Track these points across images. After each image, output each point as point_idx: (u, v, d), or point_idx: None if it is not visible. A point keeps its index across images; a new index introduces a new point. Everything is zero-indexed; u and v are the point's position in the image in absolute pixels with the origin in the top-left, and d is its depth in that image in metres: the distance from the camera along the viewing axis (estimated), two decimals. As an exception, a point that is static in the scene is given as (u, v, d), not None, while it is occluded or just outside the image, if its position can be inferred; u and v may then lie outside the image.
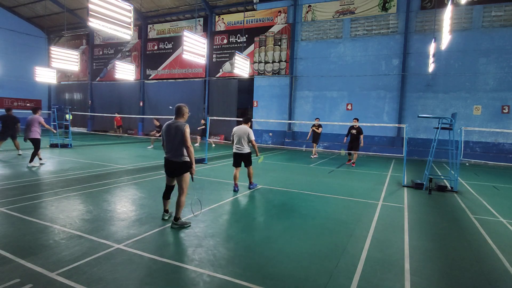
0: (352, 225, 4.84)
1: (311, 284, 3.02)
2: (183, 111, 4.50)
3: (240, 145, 6.89)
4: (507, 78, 14.00)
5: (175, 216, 4.42)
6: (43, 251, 3.47)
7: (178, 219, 4.40)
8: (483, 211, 5.95)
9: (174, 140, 4.36)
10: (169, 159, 4.43)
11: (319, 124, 13.16)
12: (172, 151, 4.39)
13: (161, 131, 4.59)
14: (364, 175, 9.63)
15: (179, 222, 4.40)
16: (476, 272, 3.43)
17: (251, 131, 6.89)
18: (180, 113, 4.49)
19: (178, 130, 4.34)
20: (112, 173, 8.30)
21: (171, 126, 4.41)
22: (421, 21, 15.44)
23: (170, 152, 4.42)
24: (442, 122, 7.56)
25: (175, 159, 4.38)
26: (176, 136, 4.35)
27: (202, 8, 20.33)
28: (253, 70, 18.97)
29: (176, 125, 4.38)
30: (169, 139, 4.41)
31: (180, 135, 4.32)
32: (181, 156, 4.37)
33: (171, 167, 4.45)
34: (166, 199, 4.71)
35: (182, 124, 4.38)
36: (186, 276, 3.08)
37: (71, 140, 14.32)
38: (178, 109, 4.52)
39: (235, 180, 6.93)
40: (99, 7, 7.24)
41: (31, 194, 5.85)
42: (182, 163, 4.38)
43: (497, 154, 14.13)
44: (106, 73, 25.14)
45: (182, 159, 4.37)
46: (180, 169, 4.39)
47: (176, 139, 4.35)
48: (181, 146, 4.35)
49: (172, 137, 4.37)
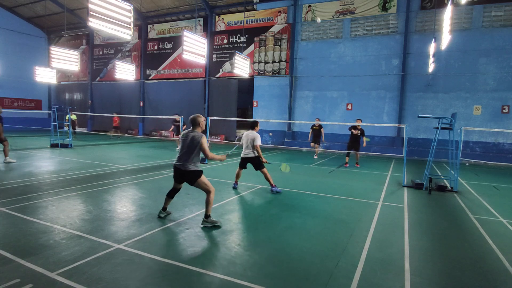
0: (352, 225, 4.84)
1: (312, 283, 3.02)
2: (198, 121, 4.48)
3: (247, 149, 6.82)
4: (507, 78, 14.00)
5: (206, 213, 4.44)
6: (43, 251, 3.47)
7: (209, 217, 4.46)
8: (483, 211, 5.95)
9: (188, 149, 4.38)
10: (178, 167, 4.43)
11: (320, 125, 13.09)
12: (182, 159, 4.39)
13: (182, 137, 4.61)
14: (364, 175, 9.63)
15: (210, 220, 4.45)
16: (476, 272, 3.43)
17: (258, 136, 6.75)
18: (196, 123, 4.48)
19: (194, 140, 4.36)
20: (112, 173, 8.30)
21: (188, 136, 4.45)
22: (421, 21, 15.44)
23: (180, 161, 4.41)
24: (442, 122, 7.56)
25: (184, 168, 4.38)
26: (191, 146, 4.36)
27: (202, 8, 20.33)
28: (253, 70, 18.97)
29: (193, 135, 4.40)
30: (182, 148, 4.44)
31: (195, 145, 4.35)
32: (192, 165, 4.38)
33: (179, 175, 4.48)
34: (169, 198, 4.74)
35: (199, 135, 4.38)
36: (187, 276, 3.08)
37: (71, 140, 14.32)
38: (194, 119, 4.50)
39: (237, 178, 7.05)
40: (99, 7, 7.25)
41: (32, 194, 5.85)
42: (192, 172, 4.39)
43: (497, 154, 14.13)
44: (106, 73, 25.14)
45: (192, 168, 4.38)
46: (192, 178, 4.41)
47: (190, 149, 4.37)
48: (193, 156, 4.38)
49: (186, 146, 4.39)
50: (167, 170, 8.95)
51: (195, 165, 4.43)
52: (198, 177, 4.41)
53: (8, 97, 25.24)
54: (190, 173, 4.39)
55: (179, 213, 5.08)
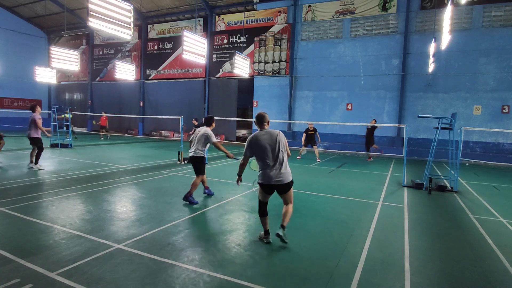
0: (352, 225, 4.84)
1: (312, 283, 3.02)
2: (267, 118, 3.96)
3: (193, 147, 5.84)
4: (507, 78, 13.99)
5: (285, 225, 3.88)
6: (43, 251, 3.47)
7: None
8: (483, 211, 5.95)
9: (278, 153, 3.77)
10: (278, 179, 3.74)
11: (314, 128, 12.55)
12: (278, 167, 3.76)
13: (250, 146, 3.89)
14: (364, 175, 9.63)
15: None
16: (476, 272, 3.43)
17: (212, 133, 5.79)
18: (266, 120, 3.94)
19: (278, 138, 3.80)
20: (112, 173, 8.30)
21: (267, 136, 3.81)
22: (421, 21, 15.44)
23: (276, 169, 3.75)
24: (442, 122, 7.56)
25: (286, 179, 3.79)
26: (280, 147, 3.79)
27: (202, 8, 20.33)
28: (253, 70, 18.96)
29: (271, 133, 3.84)
30: (267, 152, 3.77)
31: (280, 145, 3.80)
32: (289, 172, 3.87)
33: (281, 187, 3.82)
34: (263, 216, 3.98)
35: (277, 132, 3.87)
36: (187, 276, 3.08)
37: (71, 140, 14.32)
38: (263, 117, 3.94)
39: (202, 183, 6.24)
40: (99, 7, 7.24)
41: (32, 194, 5.85)
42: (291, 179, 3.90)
43: (497, 154, 14.12)
44: (106, 73, 25.14)
45: (291, 176, 3.88)
46: (290, 185, 3.86)
47: (279, 151, 3.79)
48: (285, 158, 3.82)
49: (273, 150, 3.77)
50: (167, 170, 8.95)
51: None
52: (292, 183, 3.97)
53: (8, 97, 25.24)
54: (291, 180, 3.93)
55: (179, 213, 5.08)
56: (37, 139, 8.47)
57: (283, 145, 3.85)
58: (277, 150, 3.79)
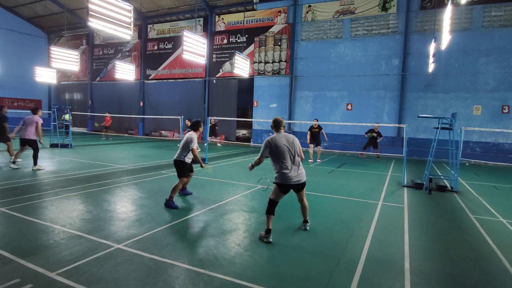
0: (352, 225, 4.84)
1: (312, 283, 3.02)
2: (283, 123, 4.24)
3: (177, 151, 5.73)
4: (507, 78, 13.99)
5: (307, 219, 4.53)
6: (43, 251, 3.47)
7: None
8: (483, 211, 5.95)
9: (295, 155, 4.08)
10: (297, 179, 4.03)
11: (319, 126, 12.53)
12: (296, 168, 4.05)
13: (269, 147, 4.06)
14: (364, 175, 9.63)
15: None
16: (476, 272, 3.43)
17: (194, 137, 5.57)
18: (282, 124, 4.21)
19: (294, 142, 4.11)
20: (112, 173, 8.30)
21: (284, 139, 4.07)
22: (421, 21, 15.44)
23: (294, 170, 4.04)
24: (442, 122, 7.56)
25: (303, 178, 4.13)
26: (296, 150, 4.10)
27: (202, 8, 20.33)
28: (253, 70, 18.97)
29: (287, 137, 4.12)
30: (285, 155, 4.00)
31: (296, 148, 4.11)
32: (304, 172, 4.18)
33: (298, 187, 4.15)
34: (272, 214, 4.08)
35: (292, 136, 4.17)
36: (187, 276, 3.08)
37: (71, 140, 14.31)
38: (280, 121, 4.20)
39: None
40: (99, 7, 7.24)
41: (31, 194, 5.85)
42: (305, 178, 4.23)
43: (497, 154, 14.12)
44: (106, 73, 25.14)
45: (305, 175, 4.19)
46: (304, 184, 4.22)
47: (296, 153, 4.10)
48: (299, 160, 4.14)
49: (290, 152, 4.04)
50: (167, 170, 8.95)
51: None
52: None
53: (8, 97, 25.23)
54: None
55: (179, 213, 5.08)
56: (33, 141, 8.47)
57: (298, 148, 4.17)
58: (294, 153, 4.09)
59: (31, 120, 8.48)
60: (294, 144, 4.11)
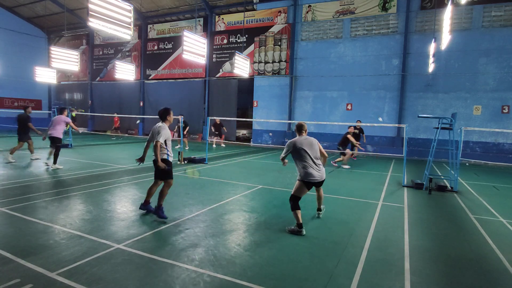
0: (352, 224, 4.84)
1: (312, 283, 3.02)
2: (305, 127, 4.81)
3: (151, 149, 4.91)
4: (507, 78, 13.99)
5: (322, 207, 5.22)
6: (43, 251, 3.47)
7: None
8: (483, 211, 5.95)
9: (316, 155, 4.57)
10: (320, 176, 4.49)
11: (360, 127, 12.04)
12: (318, 167, 4.51)
13: (290, 148, 4.60)
14: (364, 175, 9.63)
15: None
16: (476, 272, 3.43)
17: (165, 129, 4.96)
18: (304, 128, 4.78)
19: (313, 143, 4.62)
20: (112, 173, 8.30)
21: (307, 141, 4.56)
22: (421, 21, 15.43)
23: (318, 169, 4.49)
24: (442, 122, 7.56)
25: (324, 175, 4.61)
26: (316, 151, 4.60)
27: (202, 8, 20.33)
28: (253, 70, 18.96)
29: (308, 139, 4.63)
30: (307, 155, 4.46)
31: (317, 149, 4.63)
32: (324, 170, 4.69)
33: (320, 183, 4.69)
34: (298, 209, 4.41)
35: (313, 138, 4.69)
36: (187, 276, 3.08)
37: (71, 140, 14.32)
38: (303, 125, 4.81)
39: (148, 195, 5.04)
40: (99, 7, 7.24)
41: (31, 194, 5.85)
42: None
43: (497, 154, 14.12)
44: (106, 73, 25.14)
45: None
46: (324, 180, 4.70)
47: (317, 154, 4.60)
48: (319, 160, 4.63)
49: (312, 153, 4.51)
50: (167, 170, 8.94)
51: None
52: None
53: (8, 97, 25.24)
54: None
55: (179, 213, 5.08)
56: (59, 139, 8.94)
57: (319, 149, 4.69)
58: (315, 153, 4.57)
59: (59, 119, 8.94)
60: (313, 145, 4.57)
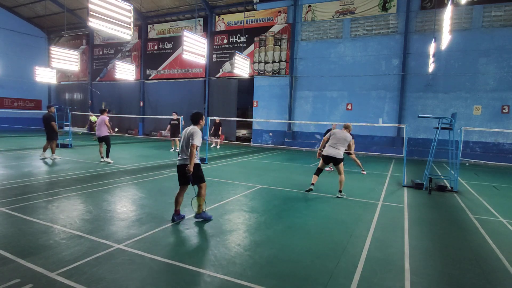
0: (352, 225, 4.84)
1: (312, 283, 3.02)
2: (350, 127, 6.92)
3: (183, 153, 4.67)
4: (507, 78, 14.00)
5: (341, 189, 6.61)
6: (43, 251, 3.47)
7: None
8: (483, 211, 5.96)
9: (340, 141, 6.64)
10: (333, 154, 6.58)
11: None
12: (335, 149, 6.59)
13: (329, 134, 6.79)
14: (364, 175, 9.63)
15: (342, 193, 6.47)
16: (476, 272, 3.43)
17: (199, 133, 4.56)
18: (348, 128, 6.87)
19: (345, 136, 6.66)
20: (112, 173, 8.30)
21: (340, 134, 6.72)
22: (421, 21, 15.44)
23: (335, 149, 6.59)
24: (442, 122, 7.56)
25: (337, 155, 6.56)
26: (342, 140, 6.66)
27: (202, 8, 20.34)
28: (253, 70, 18.97)
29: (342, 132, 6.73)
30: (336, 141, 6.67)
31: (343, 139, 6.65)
32: (341, 153, 6.64)
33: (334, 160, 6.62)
34: (317, 176, 6.86)
35: (345, 132, 6.73)
36: (187, 276, 3.08)
37: (71, 140, 14.32)
38: (346, 126, 6.83)
39: (176, 204, 4.72)
40: (99, 7, 7.24)
41: (31, 194, 5.85)
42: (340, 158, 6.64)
43: (497, 154, 14.13)
44: (106, 73, 25.14)
45: (341, 156, 6.63)
46: (339, 161, 6.62)
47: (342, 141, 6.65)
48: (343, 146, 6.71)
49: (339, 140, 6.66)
50: (167, 170, 8.95)
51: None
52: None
53: (8, 97, 25.24)
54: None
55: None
56: (107, 137, 9.98)
57: (346, 140, 6.68)
58: (341, 141, 6.67)
59: (101, 120, 9.89)
60: (345, 136, 6.69)
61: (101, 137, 9.93)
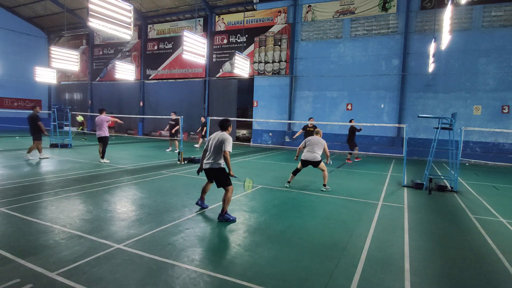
0: (352, 225, 4.84)
1: (312, 284, 3.02)
2: (321, 132, 7.62)
3: (211, 157, 4.94)
4: (507, 78, 14.00)
5: (325, 183, 7.23)
6: (43, 251, 3.47)
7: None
8: (483, 211, 5.95)
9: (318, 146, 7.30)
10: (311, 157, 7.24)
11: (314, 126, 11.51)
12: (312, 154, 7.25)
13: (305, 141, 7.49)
14: (364, 175, 9.63)
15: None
16: (476, 272, 3.43)
17: (229, 139, 4.97)
18: (319, 133, 7.60)
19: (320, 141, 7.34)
20: (112, 173, 8.30)
21: (315, 139, 7.39)
22: (421, 21, 15.44)
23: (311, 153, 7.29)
24: (442, 122, 7.56)
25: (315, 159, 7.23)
26: (317, 144, 7.30)
27: (202, 8, 20.33)
28: (253, 70, 18.97)
29: (317, 138, 7.38)
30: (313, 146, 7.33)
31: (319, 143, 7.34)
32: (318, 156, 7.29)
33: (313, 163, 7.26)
34: (295, 175, 7.55)
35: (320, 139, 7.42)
36: (187, 276, 3.08)
37: (71, 140, 14.32)
38: (317, 132, 7.60)
39: (203, 193, 5.31)
40: (99, 7, 7.24)
41: (31, 194, 5.84)
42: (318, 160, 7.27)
43: (497, 154, 14.13)
44: (106, 73, 25.14)
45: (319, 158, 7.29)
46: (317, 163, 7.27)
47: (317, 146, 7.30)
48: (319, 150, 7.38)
49: (315, 145, 7.28)
50: (167, 170, 8.95)
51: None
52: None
53: (8, 97, 25.25)
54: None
55: (179, 213, 5.08)
56: (106, 138, 10.00)
57: (322, 144, 7.37)
58: (317, 145, 7.28)
59: (100, 120, 9.86)
60: (320, 141, 7.36)
61: (101, 137, 9.96)
